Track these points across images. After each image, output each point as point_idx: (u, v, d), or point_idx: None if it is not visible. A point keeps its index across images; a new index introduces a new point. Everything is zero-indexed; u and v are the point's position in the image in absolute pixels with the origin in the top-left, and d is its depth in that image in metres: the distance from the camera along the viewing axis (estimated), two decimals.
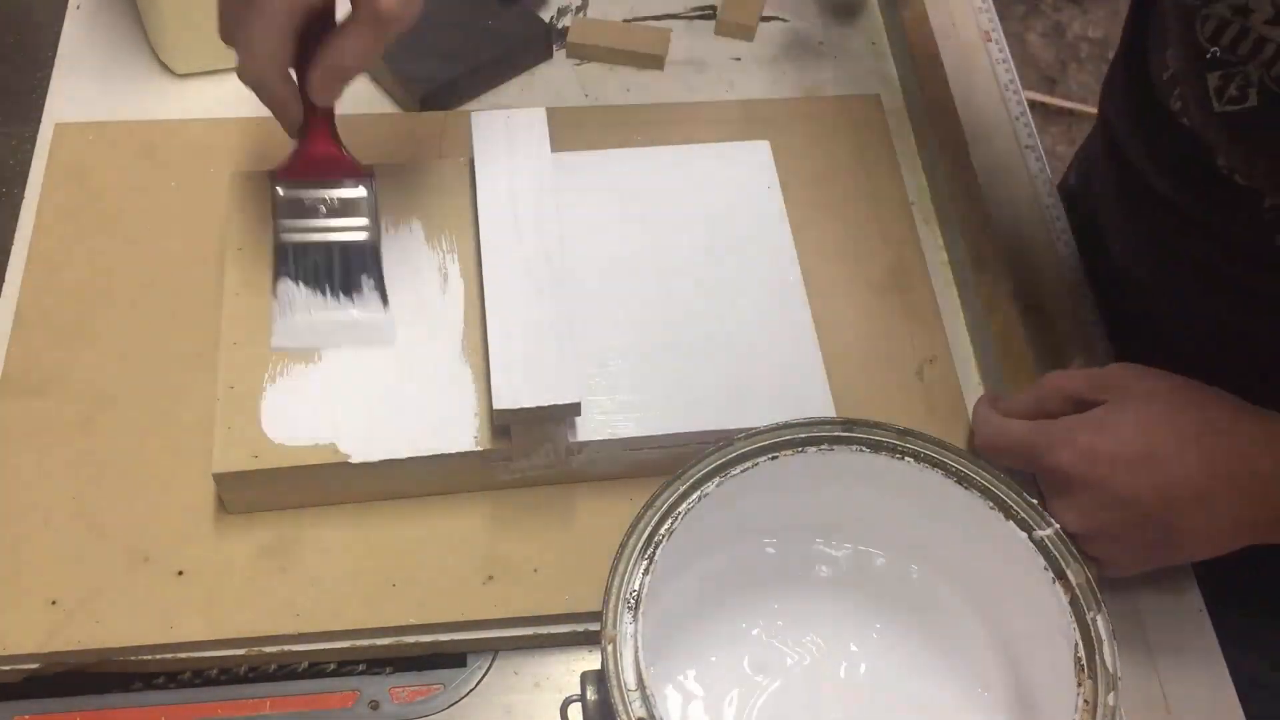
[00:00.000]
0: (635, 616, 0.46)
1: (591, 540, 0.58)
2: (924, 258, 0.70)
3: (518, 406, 0.55)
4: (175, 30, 0.73)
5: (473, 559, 0.57)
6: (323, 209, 0.60)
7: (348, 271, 0.60)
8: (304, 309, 0.59)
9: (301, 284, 0.59)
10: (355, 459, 0.56)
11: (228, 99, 0.74)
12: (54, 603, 0.55)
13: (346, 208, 0.60)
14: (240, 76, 0.55)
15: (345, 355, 0.59)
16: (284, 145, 0.71)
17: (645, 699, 0.44)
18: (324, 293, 0.59)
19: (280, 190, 0.60)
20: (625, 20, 0.81)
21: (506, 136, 0.65)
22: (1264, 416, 0.54)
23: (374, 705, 0.55)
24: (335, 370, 0.59)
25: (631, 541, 0.48)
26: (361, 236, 0.60)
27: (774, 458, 0.51)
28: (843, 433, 0.52)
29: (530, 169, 0.64)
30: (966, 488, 0.51)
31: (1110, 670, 0.46)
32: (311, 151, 0.60)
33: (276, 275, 0.60)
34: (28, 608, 0.55)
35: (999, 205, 0.72)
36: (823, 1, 0.84)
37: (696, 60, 0.80)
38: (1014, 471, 0.54)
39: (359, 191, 0.60)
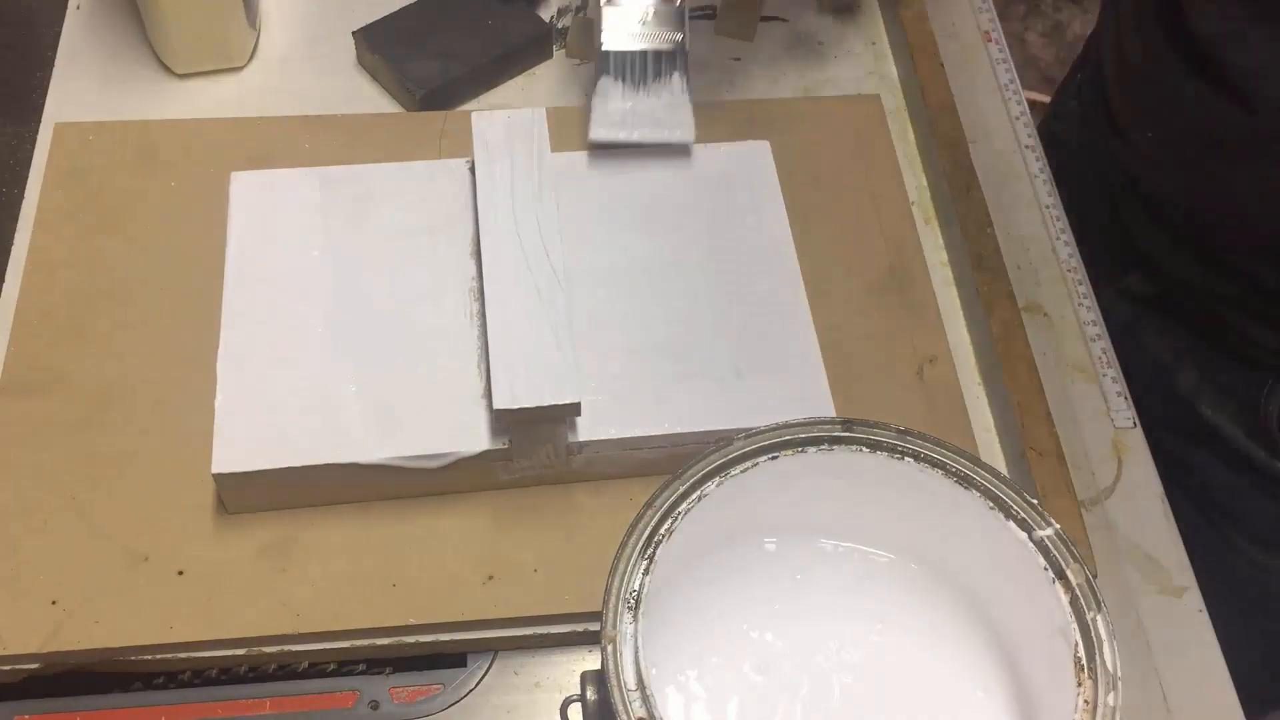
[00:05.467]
0: (635, 616, 0.46)
1: (591, 540, 0.58)
2: (924, 258, 0.70)
3: (518, 406, 0.55)
4: (175, 30, 0.73)
5: (473, 559, 0.57)
6: (640, 19, 0.68)
7: (659, 73, 0.68)
8: (619, 101, 0.67)
9: (619, 80, 0.67)
10: (355, 459, 0.56)
11: (228, 99, 0.74)
12: (54, 603, 0.55)
13: (660, 19, 0.68)
14: None
15: (346, 355, 0.60)
16: (282, 144, 0.71)
17: (645, 699, 0.44)
18: (636, 88, 0.68)
19: (604, 2, 0.68)
20: None
21: (506, 136, 0.65)
22: None
23: (374, 705, 0.55)
24: (335, 370, 0.59)
25: (631, 541, 0.48)
26: (670, 46, 0.68)
27: (774, 458, 0.51)
28: (843, 433, 0.52)
29: (530, 169, 0.64)
30: (966, 488, 0.51)
31: (1110, 670, 0.46)
32: None
33: (598, 74, 0.68)
34: (28, 608, 0.55)
35: (999, 205, 0.72)
36: (823, 1, 0.84)
37: (696, 60, 0.80)
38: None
39: (672, 4, 0.68)
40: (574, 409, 0.56)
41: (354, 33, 0.76)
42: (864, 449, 0.52)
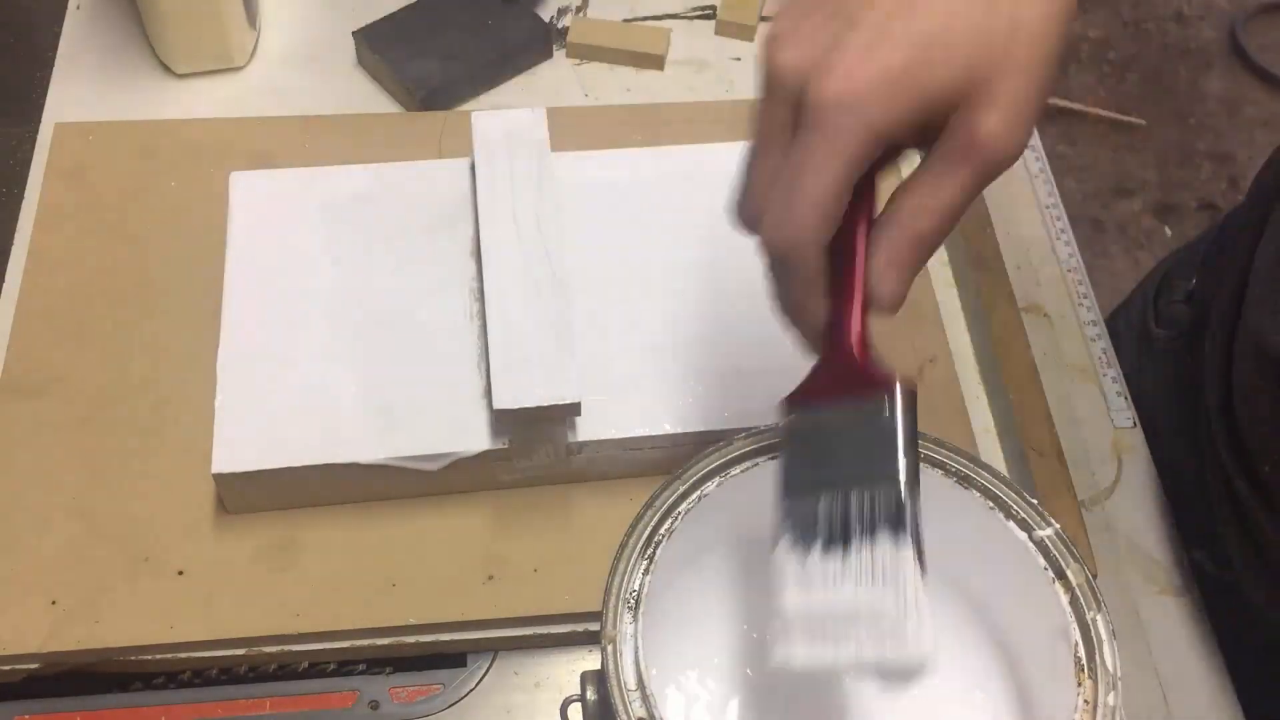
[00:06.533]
0: (635, 616, 0.46)
1: (591, 540, 0.58)
2: None
3: (518, 406, 0.55)
4: (175, 30, 0.73)
5: (473, 559, 0.57)
6: (840, 445, 0.43)
7: (872, 538, 0.41)
8: (814, 598, 0.41)
9: (811, 560, 0.42)
10: (355, 459, 0.56)
11: (228, 99, 0.74)
12: (54, 603, 0.55)
13: (870, 441, 0.42)
14: (768, 242, 0.40)
15: (346, 355, 0.60)
16: (282, 144, 0.71)
17: (645, 699, 0.44)
18: (838, 573, 0.41)
19: (792, 422, 0.44)
20: (625, 20, 0.81)
21: (506, 136, 0.65)
22: None
23: (374, 705, 0.55)
24: (335, 370, 0.59)
25: (631, 541, 0.48)
26: (888, 484, 0.41)
27: (774, 458, 0.51)
28: None
29: (530, 169, 0.64)
30: (966, 488, 0.51)
31: (1110, 670, 0.46)
32: (837, 364, 0.43)
33: (776, 543, 0.43)
34: (28, 608, 0.55)
35: (999, 205, 0.72)
36: None
37: (696, 60, 0.80)
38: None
39: (884, 415, 0.42)
40: (574, 409, 0.56)
41: (354, 33, 0.76)
42: None
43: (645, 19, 0.81)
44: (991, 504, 0.50)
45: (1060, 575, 0.48)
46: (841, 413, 0.42)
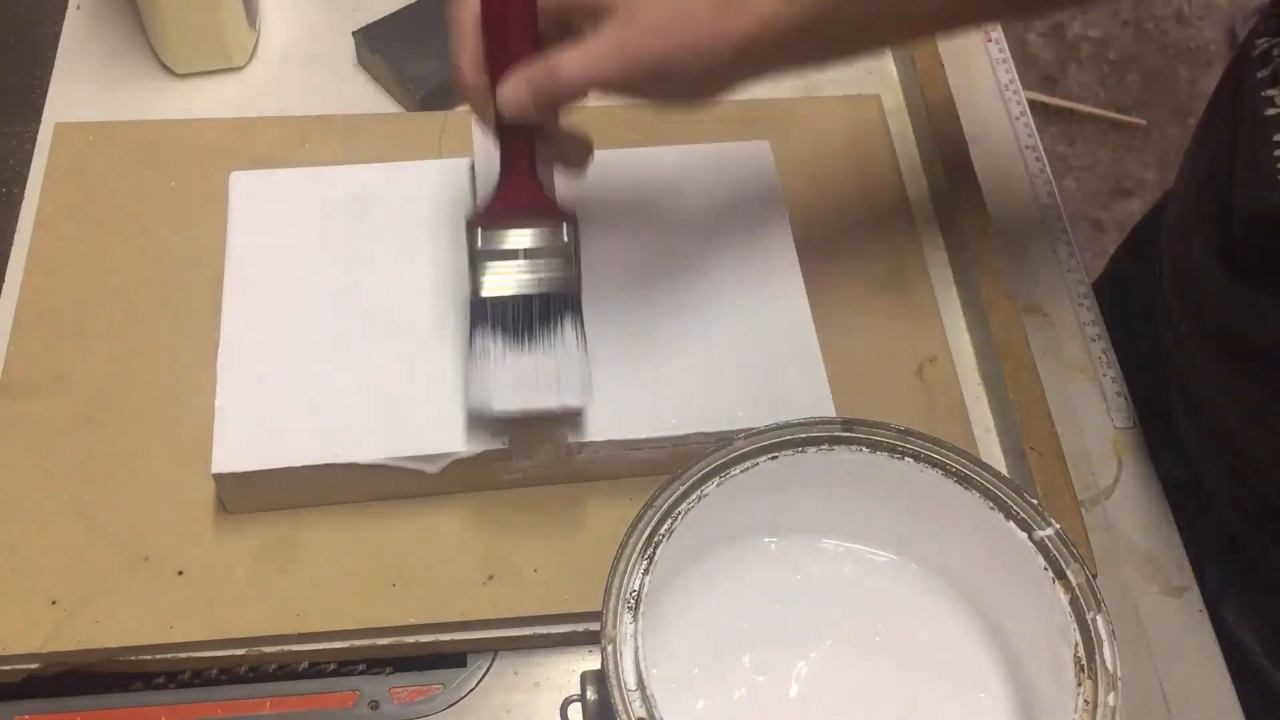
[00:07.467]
0: (635, 616, 0.46)
1: (591, 540, 0.58)
2: (924, 258, 0.70)
3: (517, 407, 0.55)
4: (175, 30, 0.73)
5: (473, 559, 0.57)
6: (520, 254, 0.56)
7: (546, 321, 0.55)
8: (501, 365, 0.55)
9: (499, 338, 0.55)
10: (354, 459, 0.56)
11: (228, 99, 0.74)
12: (54, 603, 0.55)
13: (544, 252, 0.56)
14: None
15: (345, 355, 0.60)
16: (282, 144, 0.71)
17: (645, 699, 0.44)
18: (520, 347, 0.55)
19: (479, 236, 0.56)
20: None
21: None
22: None
23: (374, 705, 0.55)
24: (335, 370, 0.59)
25: (631, 541, 0.48)
26: (559, 286, 0.56)
27: (774, 458, 0.51)
28: (843, 433, 0.52)
29: None
30: (966, 488, 0.51)
31: (1110, 670, 0.46)
32: (507, 194, 0.56)
33: (471, 327, 0.56)
34: (28, 608, 0.55)
35: (999, 205, 0.72)
36: None
37: None
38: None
39: (558, 236, 0.57)
40: (574, 409, 0.56)
41: (354, 33, 0.76)
42: (864, 449, 0.52)
43: None
44: (991, 504, 0.50)
45: (1060, 575, 0.49)
46: (524, 233, 0.56)
